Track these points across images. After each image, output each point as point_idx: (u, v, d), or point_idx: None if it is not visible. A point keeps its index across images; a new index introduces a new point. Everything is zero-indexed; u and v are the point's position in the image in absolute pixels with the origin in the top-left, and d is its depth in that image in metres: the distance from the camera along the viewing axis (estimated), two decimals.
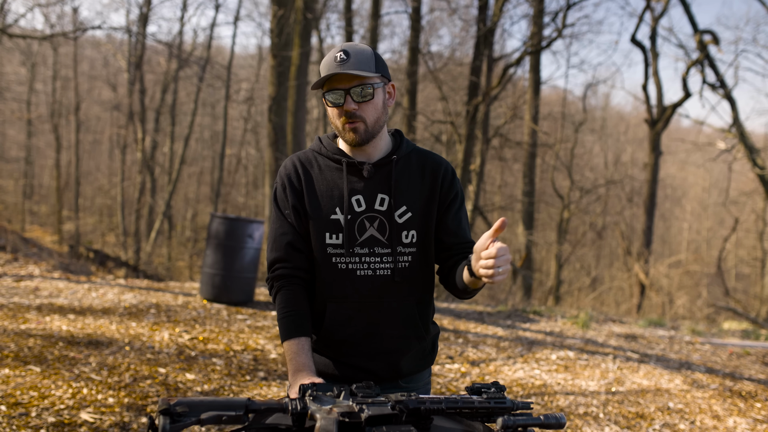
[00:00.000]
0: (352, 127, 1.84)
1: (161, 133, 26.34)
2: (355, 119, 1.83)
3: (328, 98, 1.84)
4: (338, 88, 1.82)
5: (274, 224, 1.98)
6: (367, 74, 1.80)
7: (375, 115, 1.87)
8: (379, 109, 1.88)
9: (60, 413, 3.98)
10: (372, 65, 1.83)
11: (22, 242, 13.01)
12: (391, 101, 1.95)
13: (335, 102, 1.83)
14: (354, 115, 1.83)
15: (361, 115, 1.83)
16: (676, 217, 35.03)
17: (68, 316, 6.73)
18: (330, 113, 1.89)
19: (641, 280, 19.18)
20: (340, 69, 1.79)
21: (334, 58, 1.80)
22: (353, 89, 1.81)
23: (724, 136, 18.99)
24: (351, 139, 1.86)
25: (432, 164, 1.98)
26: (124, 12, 50.12)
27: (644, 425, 4.86)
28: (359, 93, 1.82)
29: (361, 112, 1.83)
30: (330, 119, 1.90)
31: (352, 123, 1.84)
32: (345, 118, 1.84)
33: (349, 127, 1.85)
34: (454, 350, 6.80)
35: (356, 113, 1.83)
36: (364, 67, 1.81)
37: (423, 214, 1.94)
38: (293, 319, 1.87)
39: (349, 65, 1.79)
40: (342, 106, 1.82)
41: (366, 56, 1.83)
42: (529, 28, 18.42)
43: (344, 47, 1.83)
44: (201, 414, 1.32)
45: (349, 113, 1.82)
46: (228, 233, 7.98)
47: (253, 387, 4.96)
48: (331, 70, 1.80)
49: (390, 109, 1.97)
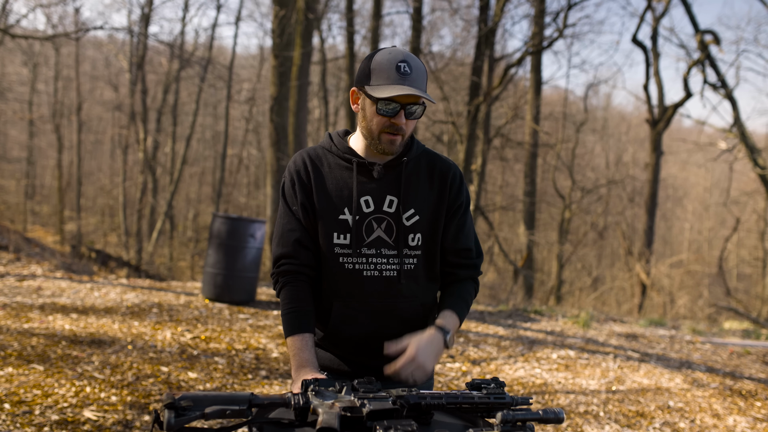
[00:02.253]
0: (392, 139, 1.84)
1: (163, 133, 26.37)
2: (398, 133, 1.83)
3: (382, 108, 1.80)
4: (396, 100, 1.79)
5: (281, 219, 1.98)
6: (428, 97, 1.78)
7: (411, 130, 1.90)
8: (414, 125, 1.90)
9: (63, 411, 4.00)
10: (425, 83, 1.83)
11: (25, 242, 13.04)
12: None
13: (387, 113, 1.80)
14: (400, 129, 1.83)
15: (404, 130, 1.84)
16: (678, 217, 35.00)
17: (71, 315, 6.76)
18: (369, 116, 1.85)
19: (642, 280, 19.17)
20: (406, 84, 1.76)
21: (397, 68, 1.77)
22: (412, 107, 1.80)
23: (726, 136, 18.98)
24: (387, 150, 1.86)
25: (441, 168, 1.99)
26: (125, 12, 50.20)
27: (644, 424, 4.88)
28: (415, 113, 1.82)
29: (407, 127, 1.84)
30: (366, 121, 1.87)
31: (395, 135, 1.84)
32: (390, 129, 1.82)
33: (389, 139, 1.84)
34: (455, 349, 6.81)
35: (402, 127, 1.83)
36: (424, 85, 1.81)
37: (430, 218, 1.95)
38: (297, 315, 1.89)
39: (415, 82, 1.78)
40: (392, 117, 1.81)
41: (423, 73, 1.82)
42: (531, 28, 18.45)
43: (405, 57, 1.79)
44: (205, 408, 1.34)
45: (397, 127, 1.82)
46: (230, 233, 8.00)
47: (255, 386, 4.98)
48: (394, 81, 1.77)
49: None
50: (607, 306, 21.61)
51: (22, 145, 29.72)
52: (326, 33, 19.99)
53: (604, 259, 28.38)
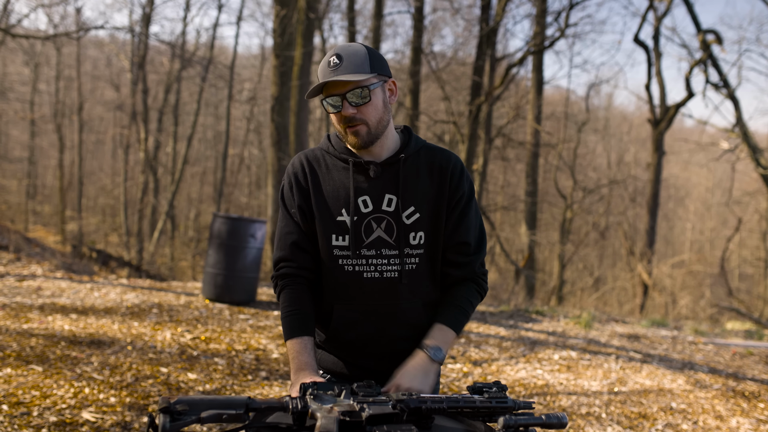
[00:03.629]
0: (353, 131, 1.81)
1: (164, 133, 26.38)
2: (356, 123, 1.81)
3: (326, 105, 1.82)
4: (335, 93, 1.79)
5: (280, 222, 1.97)
6: (361, 77, 1.76)
7: (376, 115, 1.83)
8: (379, 110, 1.84)
9: (62, 413, 3.98)
10: (366, 65, 1.79)
11: (25, 242, 13.03)
12: (393, 98, 1.91)
13: (332, 108, 1.81)
14: (354, 119, 1.80)
15: (362, 118, 1.80)
16: (679, 217, 34.96)
17: (70, 315, 6.74)
18: (332, 118, 1.87)
19: (644, 280, 19.15)
20: (333, 75, 1.76)
21: (328, 63, 1.78)
22: (349, 94, 1.78)
23: (728, 135, 18.94)
24: (354, 142, 1.84)
25: (440, 161, 1.94)
26: (127, 12, 50.25)
27: (647, 425, 4.85)
28: (356, 97, 1.79)
29: (361, 114, 1.80)
30: (333, 123, 1.88)
31: (353, 127, 1.81)
32: (346, 123, 1.81)
33: (350, 131, 1.82)
34: (456, 350, 6.79)
35: (356, 117, 1.80)
36: (358, 69, 1.78)
37: (431, 215, 1.91)
38: (296, 318, 1.86)
39: (342, 70, 1.76)
40: (340, 111, 1.80)
41: (359, 57, 1.79)
42: (532, 27, 18.43)
43: (337, 50, 1.80)
44: (201, 412, 1.32)
45: (348, 118, 1.80)
46: (230, 233, 7.98)
47: (255, 387, 4.95)
48: (325, 76, 1.77)
49: (393, 106, 1.94)
50: (609, 306, 21.58)
51: (23, 145, 29.75)
52: (327, 33, 19.97)
53: (605, 259, 28.36)
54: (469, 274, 1.97)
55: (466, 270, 1.96)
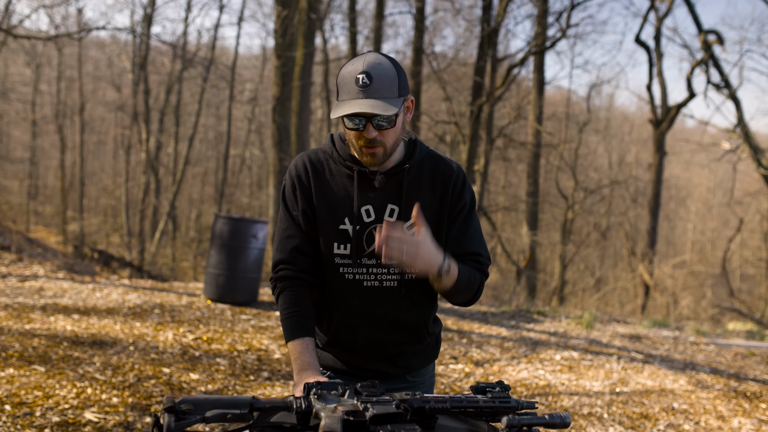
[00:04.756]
0: (370, 152, 1.78)
1: (165, 133, 26.39)
2: (376, 145, 1.77)
3: (346, 122, 1.75)
4: (360, 114, 1.72)
5: (281, 224, 1.96)
6: (392, 110, 1.69)
7: (394, 138, 1.80)
8: (398, 132, 1.81)
9: (64, 413, 3.99)
10: (395, 88, 1.73)
11: (27, 242, 13.04)
12: (409, 116, 1.86)
13: (354, 127, 1.74)
14: (375, 141, 1.76)
15: (382, 141, 1.77)
16: (681, 218, 34.94)
17: (72, 316, 6.75)
18: (349, 133, 1.80)
19: (645, 280, 19.14)
20: (362, 98, 1.69)
21: (356, 81, 1.70)
22: (376, 119, 1.72)
23: (729, 136, 18.93)
24: (369, 162, 1.82)
25: (444, 171, 1.93)
26: (128, 13, 50.28)
27: (648, 426, 4.85)
28: (382, 122, 1.74)
29: (382, 137, 1.76)
30: (347, 136, 1.83)
31: (371, 148, 1.78)
32: (363, 141, 1.76)
33: (367, 152, 1.78)
34: (458, 350, 6.79)
35: (377, 139, 1.76)
36: (388, 93, 1.71)
37: (432, 224, 1.89)
38: (297, 319, 1.86)
39: (372, 93, 1.69)
40: (362, 131, 1.75)
41: (389, 79, 1.72)
42: (533, 28, 18.42)
43: (366, 68, 1.70)
44: (206, 412, 1.32)
45: (370, 140, 1.75)
46: (232, 233, 7.99)
47: (257, 387, 4.96)
48: (352, 95, 1.71)
49: (407, 124, 1.92)
50: (610, 307, 21.56)
51: (25, 146, 29.77)
52: (329, 33, 20.02)
53: (607, 259, 28.35)
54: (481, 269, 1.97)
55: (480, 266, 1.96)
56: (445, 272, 1.76)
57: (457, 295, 1.87)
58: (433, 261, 1.72)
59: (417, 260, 1.69)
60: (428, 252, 1.71)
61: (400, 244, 1.65)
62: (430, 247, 1.71)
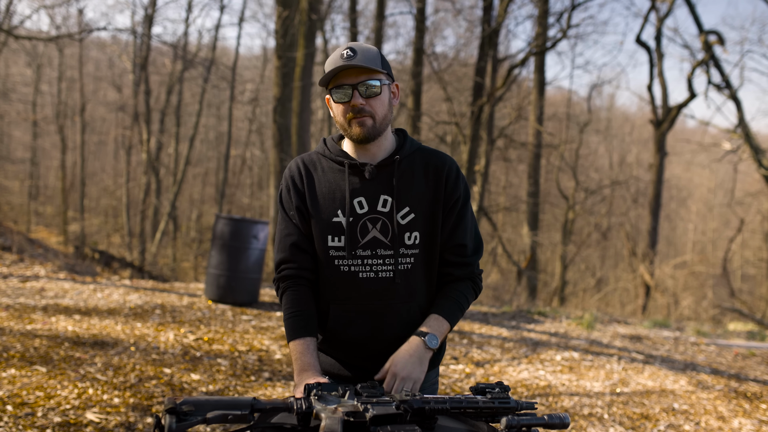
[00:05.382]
0: (359, 122, 1.84)
1: (166, 134, 26.40)
2: (363, 114, 1.83)
3: (334, 95, 1.85)
4: (345, 84, 1.82)
5: (279, 225, 1.99)
6: (376, 68, 1.82)
7: (383, 111, 1.87)
8: (386, 106, 1.88)
9: (66, 413, 3.99)
10: (378, 63, 1.84)
11: (28, 243, 13.05)
12: (395, 101, 1.95)
13: (341, 99, 1.84)
14: (362, 110, 1.83)
15: (370, 110, 1.84)
16: (682, 218, 34.92)
17: (74, 316, 6.76)
18: (335, 111, 1.89)
19: (646, 281, 19.13)
20: (348, 63, 1.79)
21: (341, 55, 1.81)
22: (361, 84, 1.82)
23: (730, 136, 18.91)
24: (358, 133, 1.85)
25: (436, 163, 1.97)
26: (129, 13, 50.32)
27: (649, 426, 4.86)
28: (367, 88, 1.82)
29: (369, 107, 1.84)
30: (335, 118, 1.90)
31: (360, 117, 1.84)
32: (352, 114, 1.83)
33: (356, 122, 1.84)
34: (459, 351, 6.80)
35: (364, 108, 1.83)
36: (372, 63, 1.82)
37: (426, 215, 1.92)
38: (299, 319, 1.88)
39: (357, 60, 1.80)
40: (349, 102, 1.83)
41: (372, 54, 1.84)
42: (534, 28, 18.43)
43: (350, 45, 1.83)
44: (207, 413, 1.33)
45: (357, 108, 1.82)
46: (233, 234, 8.00)
47: (257, 387, 4.97)
48: (337, 64, 1.81)
49: (395, 109, 1.97)
50: (611, 307, 21.55)
51: (25, 146, 29.79)
52: (329, 34, 19.99)
53: (607, 260, 28.34)
54: (468, 275, 1.99)
55: (466, 270, 1.99)
56: (438, 345, 1.87)
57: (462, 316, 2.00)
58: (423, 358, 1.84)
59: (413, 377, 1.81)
60: (410, 366, 1.81)
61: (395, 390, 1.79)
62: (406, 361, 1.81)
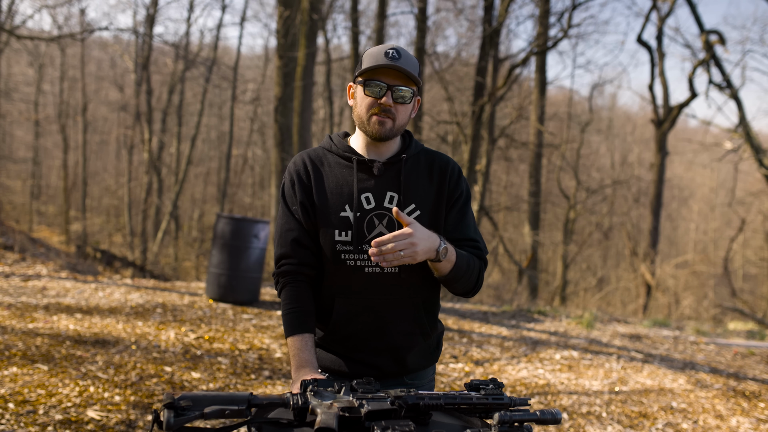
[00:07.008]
0: (381, 121, 1.87)
1: (168, 133, 26.43)
2: (388, 115, 1.86)
3: (367, 87, 1.86)
4: (382, 81, 1.85)
5: (280, 220, 2.00)
6: (414, 78, 1.85)
7: (404, 118, 1.91)
8: (407, 115, 1.92)
9: (67, 411, 4.02)
10: (417, 74, 1.87)
11: (30, 242, 13.09)
12: (414, 113, 1.98)
13: (373, 93, 1.85)
14: (389, 111, 1.86)
15: (394, 114, 1.87)
16: (683, 218, 34.89)
17: (75, 315, 6.78)
18: (360, 102, 1.90)
19: (647, 280, 19.13)
20: (392, 63, 1.82)
21: (385, 53, 1.84)
22: (396, 88, 1.85)
23: (731, 136, 18.91)
24: (376, 130, 1.88)
25: (440, 163, 2.01)
26: (131, 13, 50.28)
27: (647, 425, 4.88)
28: (401, 93, 1.86)
29: (395, 110, 1.87)
30: (355, 108, 1.93)
31: (383, 117, 1.87)
32: (378, 109, 1.86)
33: (378, 120, 1.87)
34: (459, 350, 6.82)
35: (391, 110, 1.86)
36: (413, 72, 1.85)
37: (432, 212, 1.96)
38: (297, 315, 1.90)
39: (401, 63, 1.83)
40: (378, 98, 1.85)
41: (414, 63, 1.87)
42: (535, 28, 18.43)
43: (395, 46, 1.86)
44: (204, 408, 1.35)
45: (385, 108, 1.85)
46: (234, 233, 8.02)
47: (258, 386, 4.99)
48: (380, 61, 1.82)
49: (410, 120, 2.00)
50: (612, 306, 21.56)
51: (27, 146, 29.83)
52: (331, 33, 20.03)
53: (608, 259, 28.34)
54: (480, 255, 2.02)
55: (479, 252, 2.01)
56: (443, 253, 1.81)
57: (459, 281, 1.92)
58: (430, 244, 1.78)
59: (416, 250, 1.74)
60: (423, 238, 1.76)
61: (393, 247, 1.70)
62: (422, 233, 1.76)
